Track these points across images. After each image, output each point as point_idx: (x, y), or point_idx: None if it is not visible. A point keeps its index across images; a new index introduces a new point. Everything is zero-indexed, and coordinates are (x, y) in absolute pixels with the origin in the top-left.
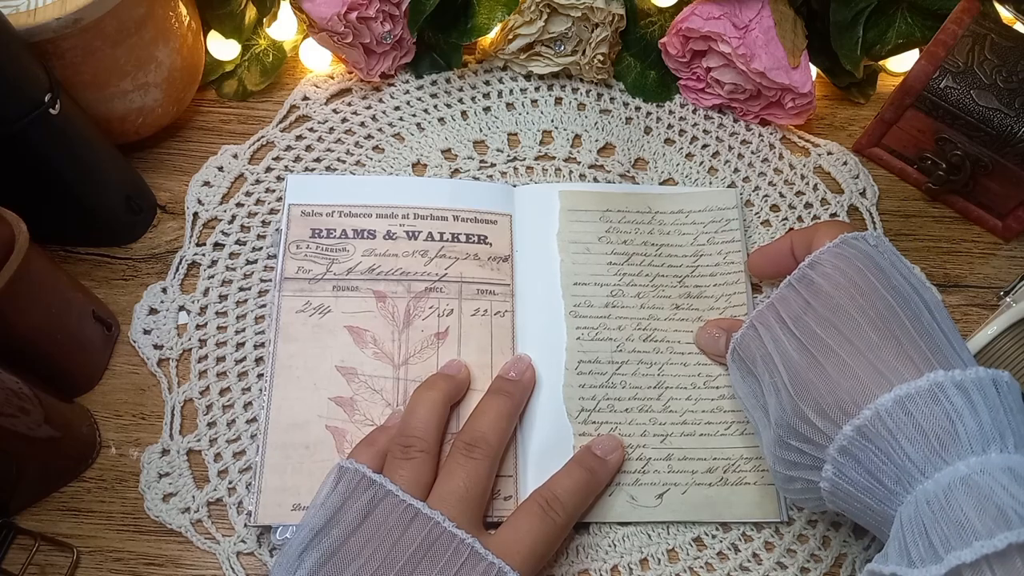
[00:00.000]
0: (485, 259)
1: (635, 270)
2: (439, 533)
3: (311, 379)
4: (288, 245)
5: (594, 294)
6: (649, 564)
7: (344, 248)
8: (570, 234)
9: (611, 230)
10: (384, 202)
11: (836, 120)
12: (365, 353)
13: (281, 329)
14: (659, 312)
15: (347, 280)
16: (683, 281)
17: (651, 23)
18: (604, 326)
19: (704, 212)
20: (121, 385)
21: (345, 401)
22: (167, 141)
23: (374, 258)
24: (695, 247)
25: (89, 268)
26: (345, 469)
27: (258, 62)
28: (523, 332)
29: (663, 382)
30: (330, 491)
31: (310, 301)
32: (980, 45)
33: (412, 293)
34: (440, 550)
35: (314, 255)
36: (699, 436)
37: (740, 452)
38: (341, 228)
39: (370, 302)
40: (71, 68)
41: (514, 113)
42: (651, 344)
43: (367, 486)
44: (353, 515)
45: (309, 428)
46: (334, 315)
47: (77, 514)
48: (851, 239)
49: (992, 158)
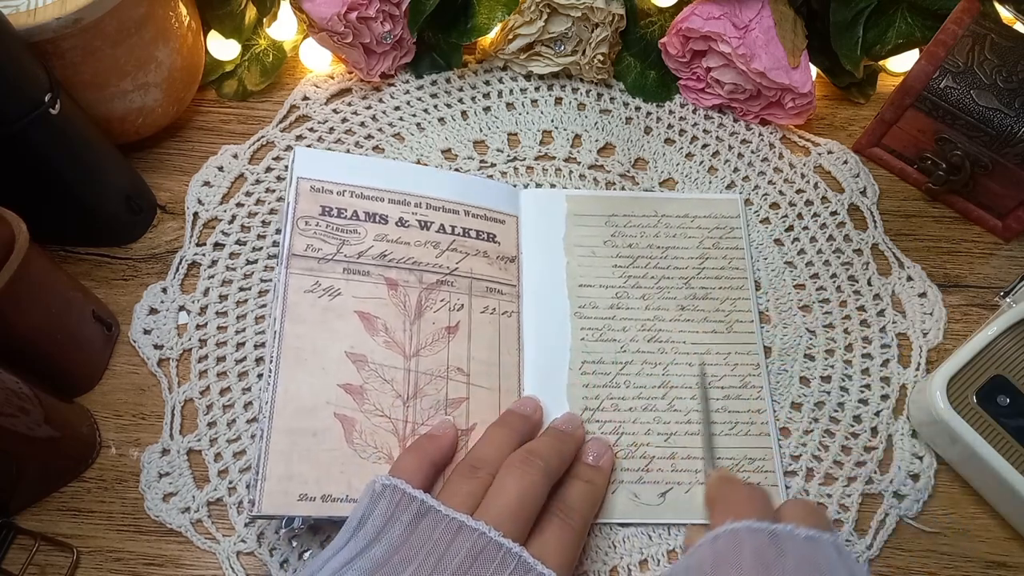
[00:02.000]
0: (494, 257)
1: (640, 272)
2: (485, 543)
3: (319, 362)
4: (296, 220)
5: (599, 296)
6: (649, 565)
7: (355, 230)
8: (576, 238)
9: (616, 234)
10: (395, 188)
11: (836, 120)
12: (376, 341)
13: (289, 308)
14: (664, 313)
15: (358, 264)
16: (688, 283)
17: (651, 23)
18: (609, 327)
19: (709, 219)
20: (121, 385)
21: (355, 389)
22: (167, 141)
23: (386, 244)
24: (701, 250)
25: (89, 268)
26: (386, 486)
27: (258, 62)
28: (528, 333)
29: (668, 382)
30: (368, 508)
31: (319, 282)
32: (980, 45)
33: (424, 284)
34: (487, 560)
35: (324, 233)
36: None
37: (744, 452)
38: (352, 209)
39: (381, 288)
40: (71, 68)
41: (514, 113)
42: (656, 345)
43: (409, 502)
44: (397, 531)
45: (317, 414)
46: (344, 299)
47: (77, 514)
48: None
49: (992, 158)
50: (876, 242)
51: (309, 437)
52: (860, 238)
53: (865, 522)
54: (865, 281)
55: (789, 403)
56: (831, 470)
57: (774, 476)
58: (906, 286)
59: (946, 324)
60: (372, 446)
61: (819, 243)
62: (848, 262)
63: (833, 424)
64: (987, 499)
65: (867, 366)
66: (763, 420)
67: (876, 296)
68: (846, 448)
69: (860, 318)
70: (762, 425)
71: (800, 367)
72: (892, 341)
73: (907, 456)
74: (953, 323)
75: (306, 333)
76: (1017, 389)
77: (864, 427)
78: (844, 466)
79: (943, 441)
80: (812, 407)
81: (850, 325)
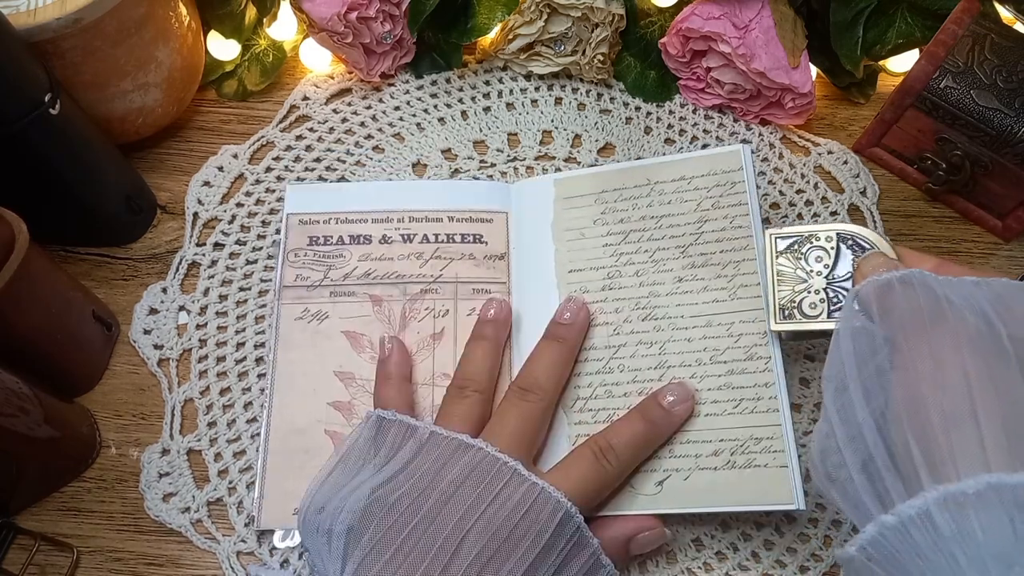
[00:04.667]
0: (481, 258)
1: (632, 248)
2: (482, 457)
3: (310, 385)
4: (286, 254)
5: (590, 279)
6: (648, 567)
7: (341, 254)
8: (564, 222)
9: (607, 211)
10: (380, 207)
11: (836, 120)
12: (362, 357)
13: (281, 337)
14: (660, 288)
15: (344, 286)
16: (686, 251)
17: (651, 23)
18: (601, 310)
19: (707, 176)
20: (121, 385)
21: (343, 405)
22: (167, 141)
23: (370, 263)
24: (699, 213)
25: (89, 268)
26: (383, 419)
27: (258, 62)
28: (519, 327)
29: (665, 361)
30: (370, 438)
31: (308, 308)
32: (980, 45)
33: (407, 296)
34: (482, 473)
35: (311, 262)
36: (704, 416)
37: (750, 432)
38: (338, 235)
39: (366, 306)
40: (71, 68)
41: (514, 113)
42: (651, 323)
43: (412, 431)
44: (407, 456)
45: (309, 433)
46: (332, 321)
47: (77, 514)
48: None
49: (992, 158)
50: None
51: (302, 455)
52: None
53: None
54: None
55: (797, 379)
56: None
57: (784, 456)
58: None
59: None
60: None
61: None
62: None
63: None
64: None
65: None
66: (771, 395)
67: None
68: None
69: None
70: (770, 400)
71: (804, 346)
72: None
73: None
74: None
75: (297, 358)
76: None
77: None
78: None
79: None
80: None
81: None
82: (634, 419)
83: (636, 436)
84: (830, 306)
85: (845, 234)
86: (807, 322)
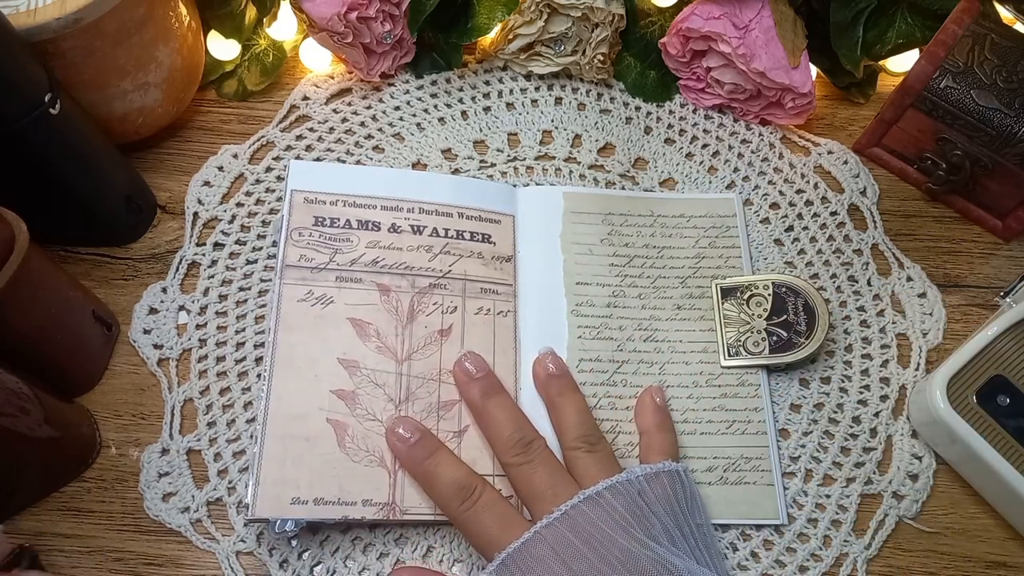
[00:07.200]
0: (489, 258)
1: (636, 272)
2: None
3: (312, 370)
4: (290, 232)
5: (596, 294)
6: None
7: (348, 238)
8: (573, 235)
9: (613, 232)
10: (388, 194)
11: (836, 120)
12: (368, 346)
13: (282, 318)
14: (660, 313)
15: (350, 271)
16: (685, 282)
17: (651, 23)
18: (605, 325)
19: (705, 218)
20: (121, 385)
21: (347, 394)
22: (167, 141)
23: (378, 250)
24: (697, 249)
25: (89, 268)
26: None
27: (258, 62)
28: (525, 331)
29: (664, 381)
30: None
31: (312, 291)
32: (980, 45)
33: (416, 288)
34: None
35: (317, 243)
36: (700, 435)
37: (740, 451)
38: (345, 218)
39: (374, 295)
40: (71, 68)
41: (514, 113)
42: (652, 344)
43: None
44: None
45: (309, 420)
46: (337, 306)
47: (77, 514)
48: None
49: (992, 158)
50: (876, 242)
51: (302, 442)
52: (860, 238)
53: (864, 522)
54: (865, 281)
55: (788, 404)
56: (830, 471)
57: (770, 475)
58: (906, 286)
59: (946, 324)
60: (364, 450)
61: (819, 243)
62: (848, 262)
63: (832, 425)
64: (987, 499)
65: (867, 367)
66: (760, 419)
67: (876, 296)
68: (845, 449)
69: (860, 318)
70: (759, 424)
71: (799, 368)
72: (892, 341)
73: (906, 456)
74: (953, 323)
75: (299, 342)
76: (1017, 389)
77: (863, 428)
78: (843, 467)
79: (943, 441)
80: (811, 408)
81: (850, 325)
82: None
83: None
84: (771, 344)
85: (779, 283)
86: (752, 358)
